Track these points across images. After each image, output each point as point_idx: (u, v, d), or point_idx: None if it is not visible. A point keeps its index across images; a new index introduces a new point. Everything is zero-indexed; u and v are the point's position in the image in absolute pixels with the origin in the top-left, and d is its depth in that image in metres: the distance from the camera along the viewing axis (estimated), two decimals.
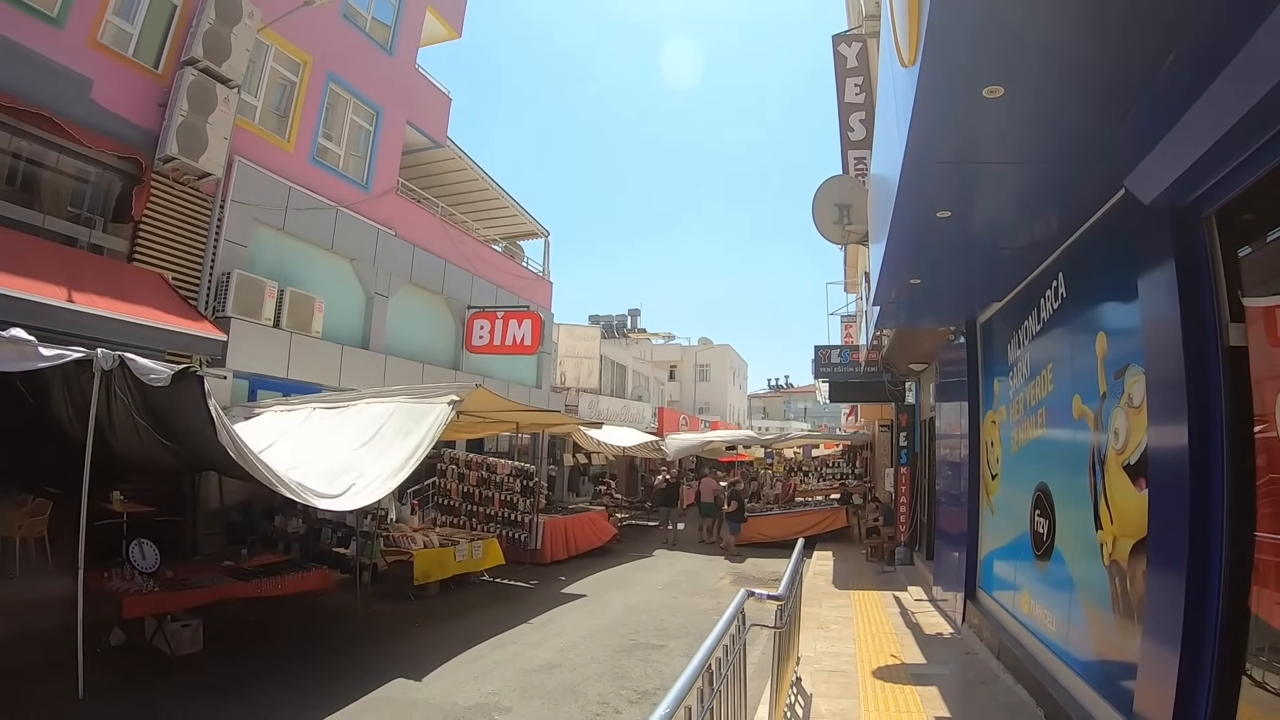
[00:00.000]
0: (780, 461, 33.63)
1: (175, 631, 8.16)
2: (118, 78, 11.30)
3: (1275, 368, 3.36)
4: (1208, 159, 3.46)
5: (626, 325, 57.71)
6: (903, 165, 4.79)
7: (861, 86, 12.90)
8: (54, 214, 10.84)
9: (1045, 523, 6.79)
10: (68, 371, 6.93)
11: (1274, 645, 3.36)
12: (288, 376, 13.76)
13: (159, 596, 8.13)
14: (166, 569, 8.64)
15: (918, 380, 16.54)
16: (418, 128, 18.86)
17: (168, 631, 8.12)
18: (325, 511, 9.49)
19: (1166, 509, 4.04)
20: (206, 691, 7.16)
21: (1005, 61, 3.53)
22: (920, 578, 13.61)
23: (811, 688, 7.19)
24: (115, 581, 8.15)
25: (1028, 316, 7.46)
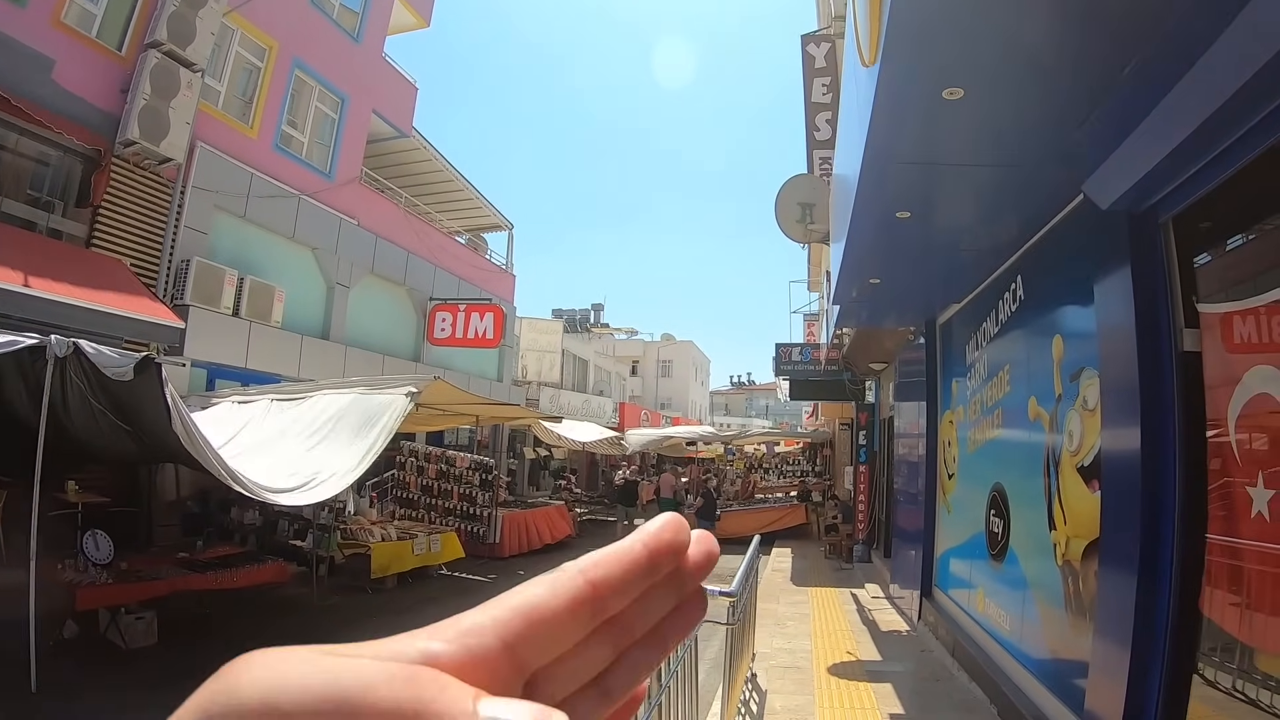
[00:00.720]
0: (741, 458, 33.75)
1: (129, 624, 8.01)
2: (80, 59, 11.04)
3: (1229, 374, 3.41)
4: (1164, 166, 3.51)
5: (589, 320, 57.58)
6: (862, 165, 4.80)
7: (829, 87, 12.97)
8: (13, 197, 10.56)
9: (1000, 522, 6.86)
10: (21, 357, 6.77)
11: (1227, 645, 3.41)
12: (246, 366, 13.55)
13: (113, 588, 7.97)
14: (121, 560, 8.46)
15: (878, 379, 16.66)
16: (383, 117, 18.63)
17: (122, 624, 7.98)
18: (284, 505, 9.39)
19: (1119, 511, 4.09)
20: (160, 685, 7.02)
21: (965, 64, 3.54)
22: (878, 575, 13.72)
23: (767, 684, 7.22)
24: (68, 573, 7.97)
25: (986, 318, 7.53)
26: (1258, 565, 3.18)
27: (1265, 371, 3.18)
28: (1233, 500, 3.36)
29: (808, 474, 28.65)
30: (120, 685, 6.97)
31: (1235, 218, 3.62)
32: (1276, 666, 3.07)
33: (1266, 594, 3.14)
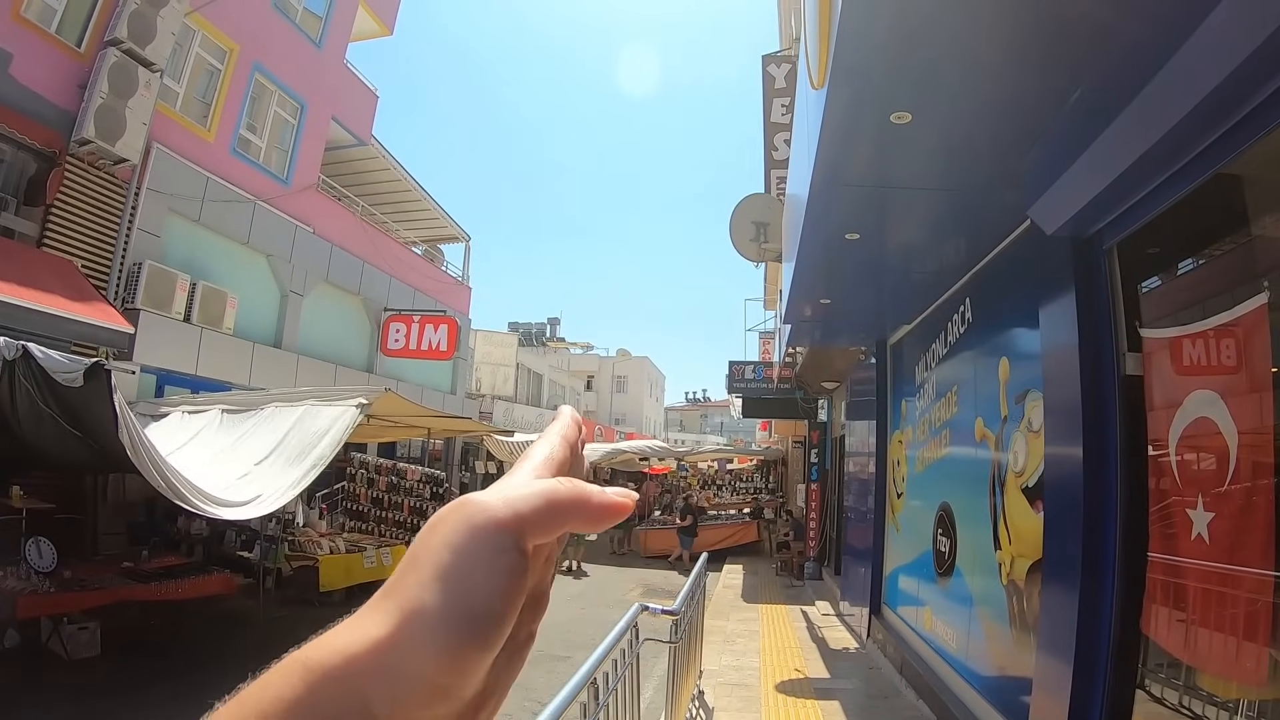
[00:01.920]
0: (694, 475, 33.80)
1: (72, 634, 7.85)
2: (38, 54, 10.81)
3: (1170, 397, 3.48)
4: (1107, 193, 3.58)
5: (545, 334, 57.53)
6: (811, 186, 4.85)
7: (788, 107, 13.08)
8: None
9: (947, 541, 6.93)
10: None
11: (1173, 661, 3.47)
12: (197, 373, 13.30)
13: (55, 597, 7.78)
14: (64, 569, 8.27)
15: (830, 398, 16.78)
16: (342, 124, 18.48)
17: (64, 634, 7.82)
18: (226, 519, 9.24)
19: (1061, 531, 4.15)
20: (103, 697, 6.90)
21: (913, 88, 3.59)
22: (828, 592, 13.79)
23: (714, 701, 7.21)
24: (10, 581, 7.76)
25: (935, 339, 7.62)
26: (1198, 584, 3.24)
27: (1205, 396, 3.24)
28: (1173, 522, 3.42)
29: (761, 491, 28.76)
30: (62, 697, 6.82)
31: (1178, 245, 3.71)
32: (1219, 685, 3.12)
33: (1209, 612, 3.20)
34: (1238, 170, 3.09)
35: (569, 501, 0.42)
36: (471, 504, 0.41)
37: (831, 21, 3.29)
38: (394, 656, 0.37)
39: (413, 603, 0.38)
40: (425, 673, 0.37)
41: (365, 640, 0.38)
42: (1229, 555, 3.05)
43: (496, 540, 0.39)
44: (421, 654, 0.37)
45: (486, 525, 0.39)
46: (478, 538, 0.39)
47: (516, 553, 0.40)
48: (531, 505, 0.41)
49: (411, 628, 0.38)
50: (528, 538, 0.40)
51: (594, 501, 0.43)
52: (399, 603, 0.39)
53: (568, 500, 0.42)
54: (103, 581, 8.52)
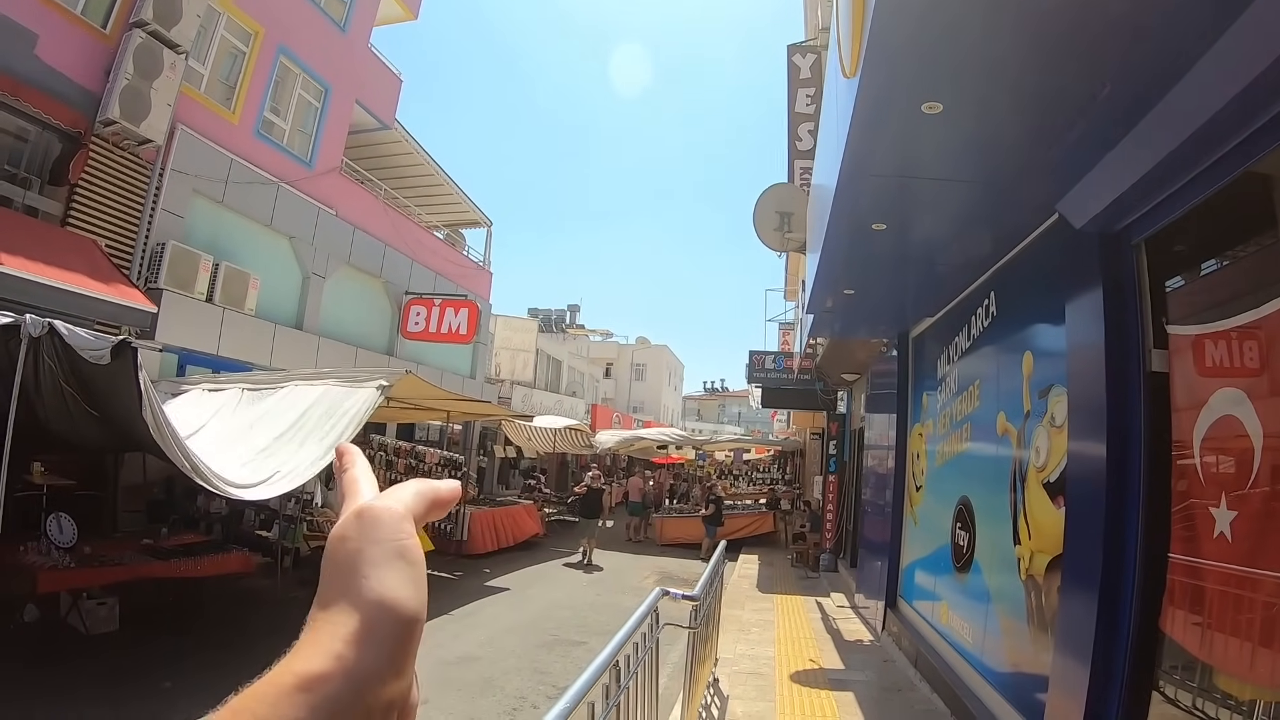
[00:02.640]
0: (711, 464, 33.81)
1: (91, 609, 7.93)
2: (64, 35, 10.85)
3: (1195, 397, 3.45)
4: (1138, 188, 3.55)
5: (565, 320, 57.55)
6: (839, 175, 4.82)
7: (813, 98, 13.02)
8: None
9: (966, 535, 6.90)
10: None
11: (1188, 664, 3.45)
12: (218, 353, 13.39)
13: (75, 573, 7.86)
14: (84, 545, 8.35)
15: (849, 390, 16.73)
16: (366, 108, 18.49)
17: (83, 609, 7.90)
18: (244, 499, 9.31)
19: (1082, 527, 4.13)
20: (119, 672, 6.98)
21: (945, 78, 3.56)
22: (843, 584, 13.78)
23: (729, 689, 7.23)
24: (31, 555, 7.84)
25: (958, 333, 7.58)
26: (1219, 585, 3.21)
27: (1231, 394, 3.21)
28: (1195, 521, 3.39)
29: (777, 482, 28.75)
30: (80, 670, 6.90)
31: (1207, 242, 3.67)
32: (1235, 685, 3.10)
33: (1227, 614, 3.18)
34: (1267, 169, 3.06)
35: (443, 497, 0.58)
36: (382, 509, 0.53)
37: (865, 10, 3.26)
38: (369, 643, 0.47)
39: (376, 594, 0.49)
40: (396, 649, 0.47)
41: (348, 637, 0.47)
42: (1251, 556, 3.03)
43: (410, 531, 0.52)
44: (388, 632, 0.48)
45: (402, 521, 0.52)
46: (400, 530, 0.52)
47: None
48: (417, 503, 0.55)
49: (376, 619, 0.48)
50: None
51: (445, 494, 0.58)
52: (355, 603, 0.48)
53: (441, 496, 0.58)
54: (122, 558, 8.60)
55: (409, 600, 0.48)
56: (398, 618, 0.47)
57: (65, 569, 7.81)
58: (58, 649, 7.42)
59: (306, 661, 0.45)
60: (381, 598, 0.47)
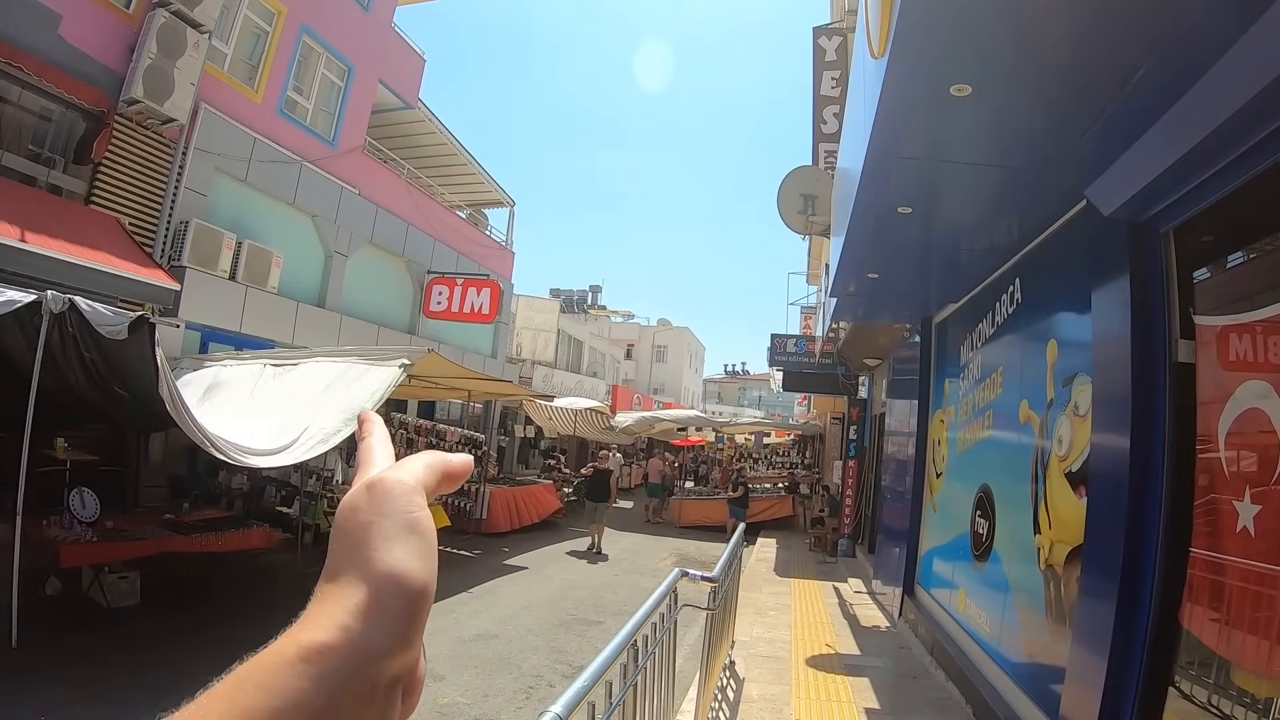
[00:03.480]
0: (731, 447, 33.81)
1: (113, 583, 8.03)
2: (87, 15, 10.87)
3: (1221, 389, 3.40)
4: (1167, 176, 3.49)
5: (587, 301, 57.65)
6: (866, 157, 4.78)
7: (838, 80, 12.92)
8: (13, 151, 10.44)
9: (985, 524, 6.87)
10: (20, 312, 6.73)
11: (1204, 659, 3.41)
12: (241, 330, 13.48)
13: (97, 547, 7.96)
14: (106, 519, 8.47)
15: (871, 375, 16.66)
16: (389, 87, 18.49)
17: (105, 583, 8.00)
18: (269, 469, 9.37)
19: (1104, 518, 4.09)
20: (141, 645, 7.07)
21: (975, 60, 3.51)
22: (861, 570, 13.76)
23: (745, 672, 7.24)
24: (54, 530, 7.94)
25: (982, 319, 7.52)
26: (1239, 581, 3.18)
27: (1258, 387, 3.17)
28: (1218, 514, 3.35)
29: (797, 466, 28.72)
30: (101, 644, 6.99)
31: (1237, 232, 3.60)
32: (1253, 682, 3.07)
33: (1246, 610, 3.14)
34: None
35: (454, 469, 0.58)
36: (391, 480, 0.52)
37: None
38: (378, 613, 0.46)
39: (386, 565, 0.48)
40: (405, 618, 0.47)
41: (355, 608, 0.46)
42: (1274, 552, 2.99)
43: (420, 502, 0.52)
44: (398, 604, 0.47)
45: (413, 492, 0.52)
46: (411, 502, 0.51)
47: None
48: (429, 475, 0.55)
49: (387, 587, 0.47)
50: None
51: (456, 466, 0.58)
52: (364, 575, 0.47)
53: (453, 469, 0.58)
54: (144, 533, 8.71)
55: (418, 573, 0.48)
56: (406, 591, 0.47)
57: (87, 543, 7.92)
58: (79, 622, 7.52)
59: (312, 632, 0.45)
60: (390, 570, 0.47)
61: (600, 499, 15.67)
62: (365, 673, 0.44)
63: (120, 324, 6.77)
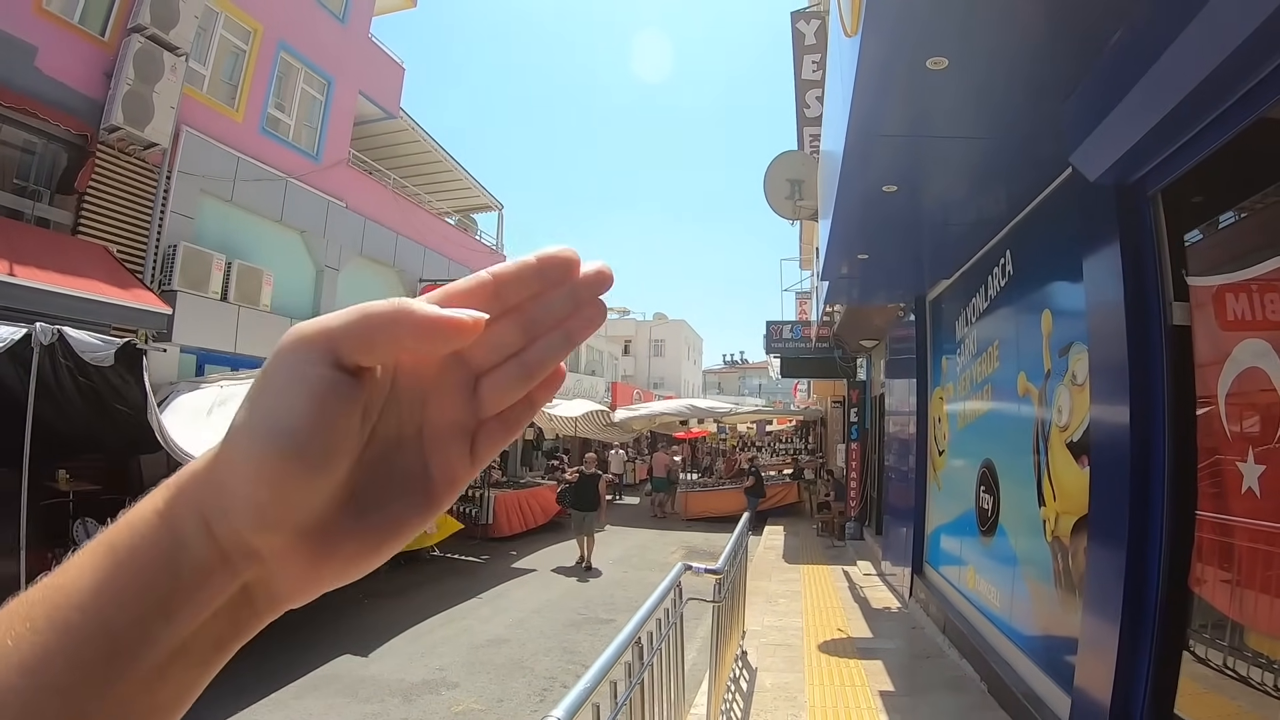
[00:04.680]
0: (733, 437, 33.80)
1: None
2: (63, 45, 10.83)
3: (1219, 349, 3.37)
4: (1152, 137, 3.45)
5: None
6: (847, 138, 4.75)
7: (819, 64, 12.92)
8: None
9: (990, 499, 6.84)
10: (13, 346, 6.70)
11: (1218, 622, 3.39)
12: (236, 350, 13.42)
13: None
14: None
15: (869, 356, 16.63)
16: (370, 98, 18.42)
17: None
18: None
19: (1107, 486, 4.06)
20: None
21: (949, 32, 3.48)
22: (869, 552, 13.75)
23: (757, 661, 7.22)
24: (59, 563, 7.89)
25: (976, 294, 7.49)
26: (1247, 542, 3.15)
27: (1256, 346, 3.13)
28: (1222, 476, 3.32)
29: (800, 452, 28.72)
30: None
31: (1226, 191, 3.57)
32: (1267, 644, 3.04)
33: (1256, 571, 3.11)
34: None
35: (386, 313, 0.40)
36: (290, 330, 0.41)
37: None
38: (219, 470, 0.40)
39: (234, 421, 0.39)
40: (244, 487, 0.38)
41: (204, 458, 0.41)
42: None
43: (302, 357, 0.39)
44: (239, 468, 0.39)
45: (293, 345, 0.40)
46: (283, 357, 0.40)
47: (325, 367, 0.39)
48: (342, 320, 0.40)
49: (231, 443, 0.39)
50: (340, 353, 0.40)
51: (416, 314, 0.40)
52: (230, 425, 0.40)
53: (384, 312, 0.40)
54: None
55: (257, 442, 0.38)
56: (241, 461, 0.39)
57: None
58: None
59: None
60: (235, 428, 0.39)
61: (588, 508, 13.79)
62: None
63: (107, 351, 6.75)
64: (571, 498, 14.14)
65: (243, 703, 6.34)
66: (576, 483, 14.23)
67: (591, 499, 13.85)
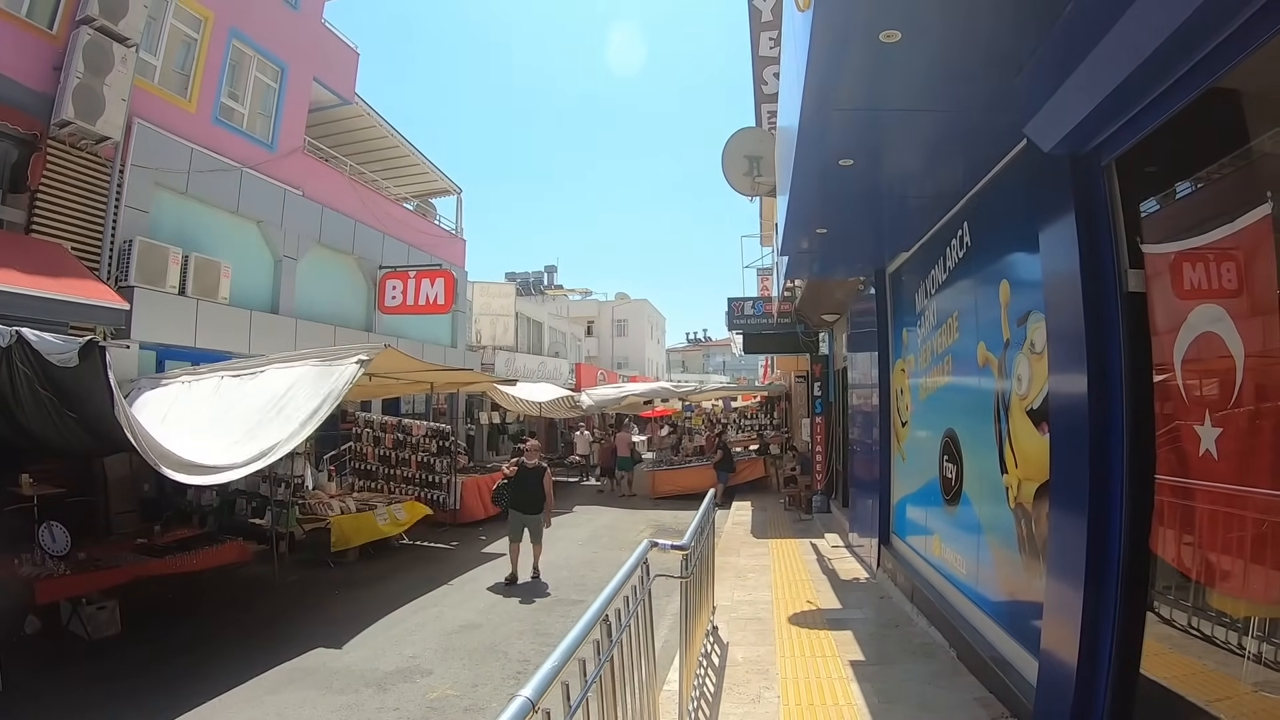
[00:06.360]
0: (700, 415, 33.91)
1: (91, 614, 7.93)
2: (10, 40, 10.58)
3: (1174, 316, 3.42)
4: (1104, 108, 3.49)
5: (543, 282, 57.56)
6: (801, 112, 4.75)
7: (775, 40, 12.92)
8: None
9: (954, 468, 6.93)
10: None
11: (1180, 584, 3.46)
12: (196, 345, 13.26)
13: (71, 579, 7.86)
14: (79, 550, 8.37)
15: (830, 331, 16.72)
16: (325, 84, 18.19)
17: (84, 615, 7.90)
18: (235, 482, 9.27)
19: (1067, 453, 4.12)
20: (126, 672, 7.00)
21: (902, 4, 3.48)
22: (837, 525, 13.87)
23: (728, 636, 7.28)
24: (26, 567, 7.84)
25: (934, 265, 7.55)
26: (1207, 504, 3.21)
27: (1210, 311, 3.19)
28: (1180, 440, 3.38)
29: (765, 427, 28.86)
30: (87, 676, 6.92)
31: (1179, 161, 3.62)
32: (1229, 604, 3.11)
33: (1216, 532, 3.18)
34: (1235, 84, 3.01)
35: None
36: None
37: None
38: None
39: None
40: None
41: None
42: (1237, 473, 3.02)
43: None
44: None
45: None
46: None
47: None
48: None
49: None
50: None
51: None
52: None
53: None
54: (118, 560, 8.62)
55: None
56: None
57: (61, 577, 7.84)
58: (62, 657, 7.43)
59: None
60: None
61: (532, 509, 10.83)
62: None
63: (70, 350, 6.62)
64: (510, 496, 10.94)
65: (216, 698, 6.32)
66: (515, 477, 10.99)
67: (534, 498, 10.86)
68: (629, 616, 3.62)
